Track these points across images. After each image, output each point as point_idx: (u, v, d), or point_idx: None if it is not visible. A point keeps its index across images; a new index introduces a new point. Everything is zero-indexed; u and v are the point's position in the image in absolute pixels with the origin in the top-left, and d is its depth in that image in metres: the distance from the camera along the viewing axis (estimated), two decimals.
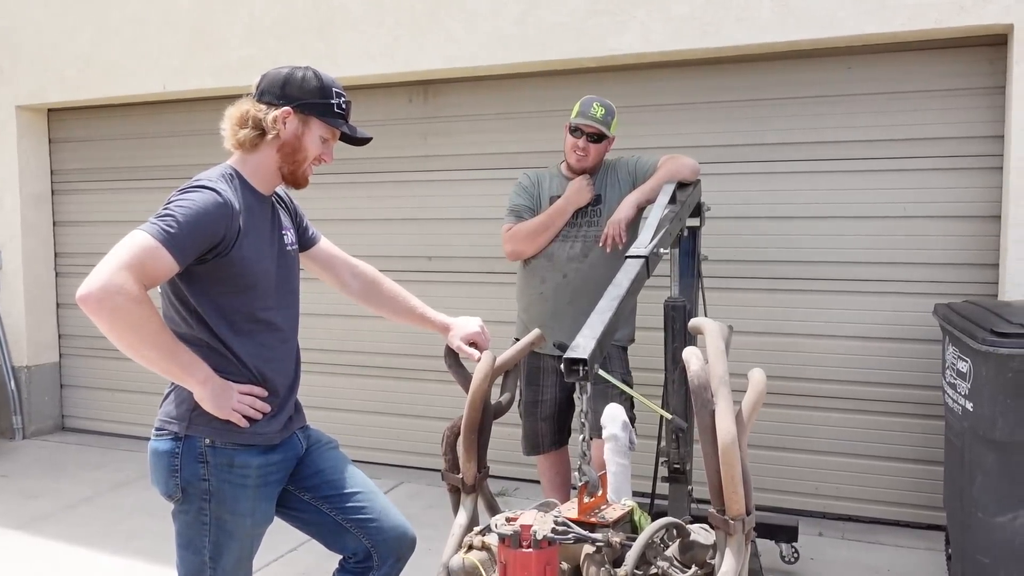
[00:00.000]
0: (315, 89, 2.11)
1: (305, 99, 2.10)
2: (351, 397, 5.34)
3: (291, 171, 2.16)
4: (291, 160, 2.14)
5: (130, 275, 1.82)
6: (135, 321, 1.85)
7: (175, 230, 1.89)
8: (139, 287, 1.84)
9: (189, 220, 1.91)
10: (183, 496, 2.07)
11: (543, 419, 3.65)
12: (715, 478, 1.86)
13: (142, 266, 1.84)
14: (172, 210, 1.92)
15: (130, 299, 1.82)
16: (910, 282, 4.07)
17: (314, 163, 2.18)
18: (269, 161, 2.14)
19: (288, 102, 2.09)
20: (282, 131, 2.10)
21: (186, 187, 2.01)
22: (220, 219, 1.97)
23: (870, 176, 4.11)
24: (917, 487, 4.12)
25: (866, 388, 4.18)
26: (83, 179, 6.12)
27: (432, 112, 5.02)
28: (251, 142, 2.11)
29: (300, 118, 2.11)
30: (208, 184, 2.01)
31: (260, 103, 2.10)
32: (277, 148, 2.12)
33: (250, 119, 2.10)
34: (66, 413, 6.36)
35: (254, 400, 2.07)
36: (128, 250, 1.85)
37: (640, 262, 2.60)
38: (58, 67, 5.76)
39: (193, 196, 1.96)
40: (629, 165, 3.58)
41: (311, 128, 2.13)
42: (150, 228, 1.88)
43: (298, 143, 2.12)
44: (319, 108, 2.12)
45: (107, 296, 1.80)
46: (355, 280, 2.49)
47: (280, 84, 2.10)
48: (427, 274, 5.01)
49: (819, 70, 4.17)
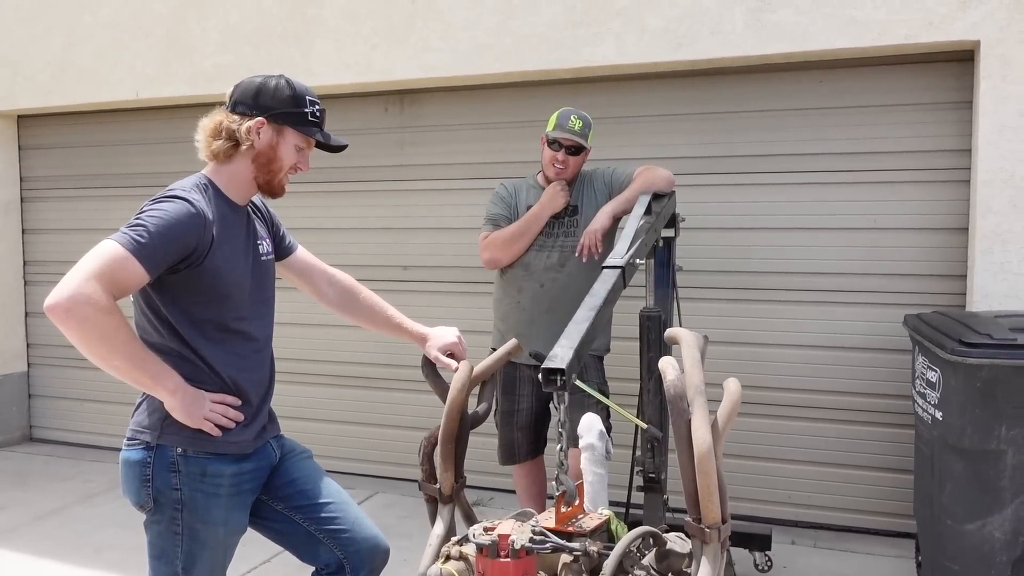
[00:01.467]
0: (288, 98, 2.10)
1: (278, 108, 2.09)
2: (325, 407, 5.31)
3: (267, 181, 2.15)
4: (266, 170, 2.13)
5: (99, 285, 1.81)
6: (104, 331, 1.84)
7: (145, 240, 1.88)
8: (108, 297, 1.82)
9: (160, 230, 1.90)
10: (155, 506, 2.05)
11: (519, 428, 3.65)
12: (691, 487, 1.87)
13: (111, 276, 1.83)
14: (143, 220, 1.91)
15: (98, 309, 1.80)
16: (880, 292, 4.12)
17: (290, 172, 2.17)
18: (244, 171, 2.13)
19: (261, 112, 2.08)
20: (256, 141, 2.09)
21: (159, 197, 2.00)
22: (192, 229, 1.96)
23: (841, 188, 4.17)
24: (887, 495, 4.17)
25: (837, 397, 4.22)
26: (53, 186, 6.04)
27: (408, 121, 5.02)
28: (225, 153, 2.10)
29: (274, 128, 2.10)
30: (181, 194, 2.00)
31: (233, 114, 2.10)
32: (252, 158, 2.11)
33: (223, 130, 2.09)
34: (34, 423, 6.26)
35: (226, 409, 2.06)
36: (97, 260, 1.84)
37: (616, 272, 2.61)
38: (29, 73, 5.69)
39: (165, 206, 1.95)
40: (605, 176, 3.60)
41: (285, 137, 2.12)
42: (120, 238, 1.87)
43: (273, 153, 2.11)
44: (293, 117, 2.11)
45: (75, 306, 1.79)
46: (332, 289, 2.48)
47: (253, 94, 2.09)
48: (403, 283, 5.00)
49: (792, 83, 4.23)
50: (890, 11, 3.83)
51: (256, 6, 5.02)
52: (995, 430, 2.92)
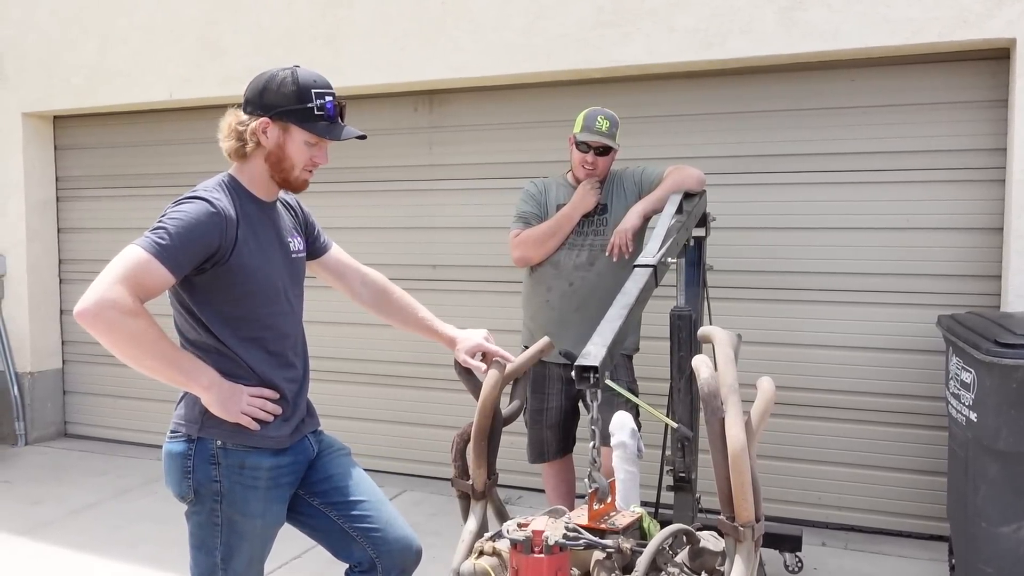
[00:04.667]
0: (291, 94, 2.07)
1: (282, 106, 2.07)
2: (356, 405, 5.34)
3: (282, 179, 2.16)
4: (279, 168, 2.14)
5: (125, 289, 1.85)
6: (133, 333, 1.88)
7: (167, 242, 1.91)
8: (134, 300, 1.87)
9: (181, 232, 1.93)
10: (196, 497, 2.08)
11: (548, 427, 3.66)
12: (725, 485, 1.87)
13: (136, 279, 1.88)
14: (165, 223, 1.95)
15: (125, 312, 1.85)
16: (913, 293, 4.08)
17: (308, 167, 2.16)
18: (261, 169, 2.15)
19: (266, 111, 2.08)
20: (264, 141, 2.10)
21: (181, 198, 2.04)
22: (213, 229, 1.99)
23: (874, 188, 4.13)
24: (920, 497, 4.13)
25: (869, 398, 4.19)
26: (88, 186, 6.14)
27: (437, 121, 5.04)
28: (238, 153, 2.13)
29: (280, 126, 2.09)
30: (202, 195, 2.03)
31: (243, 113, 2.12)
32: (264, 158, 2.13)
33: (233, 131, 2.12)
34: (69, 419, 6.36)
35: (264, 402, 2.09)
36: (122, 265, 1.88)
37: (648, 271, 2.62)
38: (64, 74, 5.78)
39: (186, 207, 1.99)
40: (635, 175, 3.60)
41: (292, 135, 2.10)
42: (143, 242, 1.92)
43: (282, 152, 2.11)
44: (296, 114, 2.08)
45: (102, 311, 1.83)
46: (365, 289, 2.51)
47: (259, 92, 2.10)
48: (432, 283, 5.02)
49: (823, 82, 4.20)
50: (924, 9, 3.80)
51: (287, 8, 5.07)
52: None
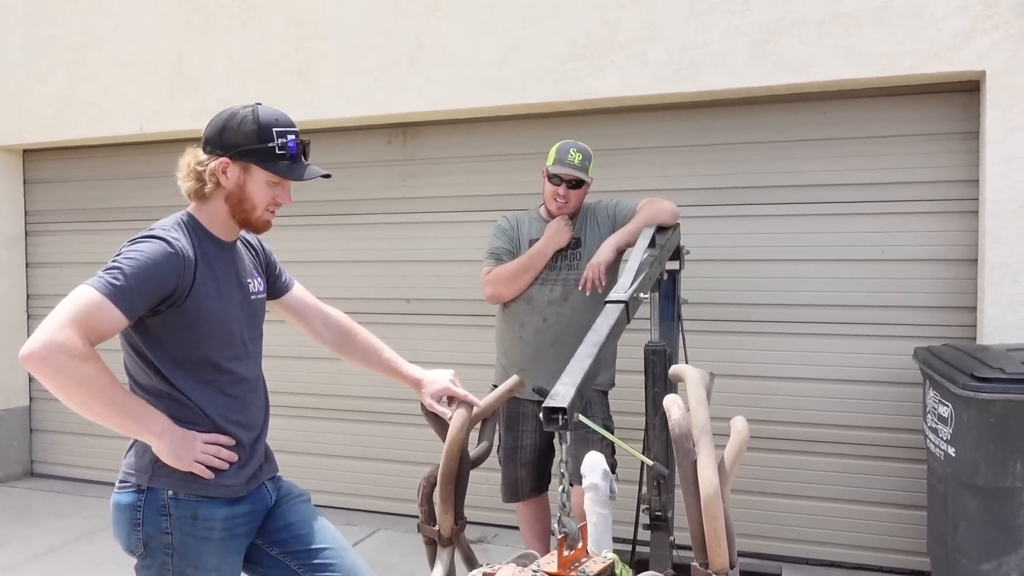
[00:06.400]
0: (252, 133, 2.00)
1: (242, 145, 2.00)
2: (327, 441, 5.24)
3: (243, 219, 2.09)
4: (239, 209, 2.07)
5: (74, 331, 1.77)
6: (81, 378, 1.79)
7: (121, 283, 1.83)
8: (84, 343, 1.78)
9: (136, 272, 1.86)
10: (145, 551, 1.99)
11: (523, 465, 3.59)
12: (698, 530, 1.81)
13: (86, 322, 1.79)
14: (120, 262, 1.88)
15: (73, 356, 1.76)
16: (889, 325, 4.06)
17: (271, 207, 2.10)
18: (221, 210, 2.08)
19: (226, 151, 2.01)
20: (224, 181, 2.03)
21: (137, 237, 1.96)
22: (170, 269, 1.92)
23: (848, 219, 4.13)
24: (900, 532, 4.08)
25: (846, 431, 4.15)
26: (58, 220, 6.03)
27: (411, 154, 5.01)
28: (196, 194, 2.06)
29: (240, 166, 2.02)
30: (160, 234, 1.96)
31: (203, 152, 2.05)
32: (224, 198, 2.06)
33: (192, 172, 2.05)
34: (36, 458, 6.20)
35: (219, 449, 2.01)
36: (72, 306, 1.80)
37: (620, 307, 2.57)
38: (34, 108, 5.70)
39: (142, 247, 1.92)
40: (608, 208, 3.57)
41: (253, 175, 2.03)
42: (96, 282, 1.83)
43: (242, 193, 2.05)
44: (257, 154, 2.01)
45: (50, 354, 1.75)
46: (327, 329, 2.44)
47: (219, 131, 2.03)
48: (406, 316, 4.97)
49: (796, 114, 4.20)
50: (895, 42, 3.82)
51: (259, 40, 5.04)
52: (1010, 467, 2.85)
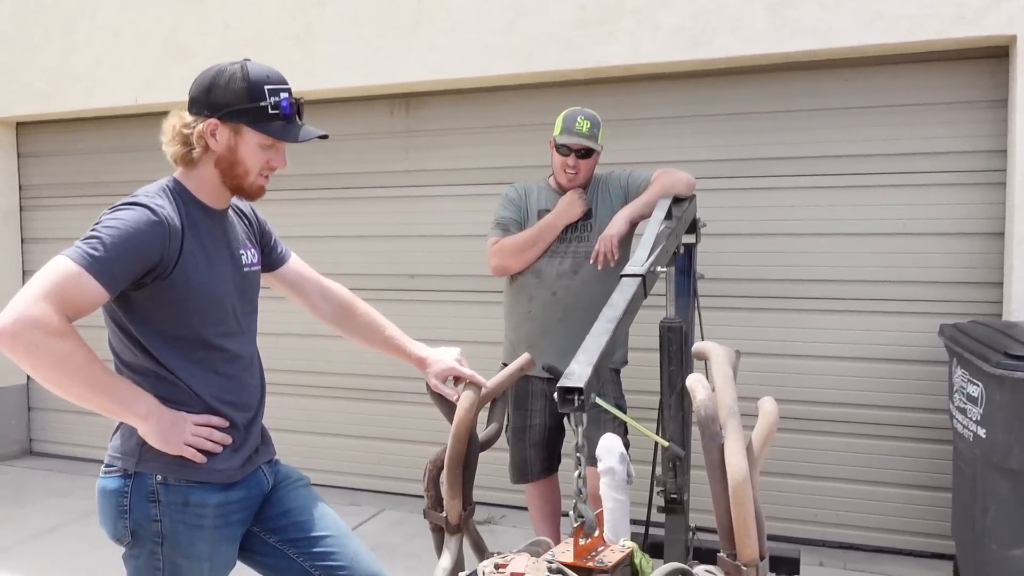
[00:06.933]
0: (242, 91, 1.84)
1: (232, 105, 1.84)
2: (329, 420, 5.14)
3: (235, 185, 1.93)
4: (231, 175, 1.91)
5: (49, 306, 1.62)
6: (57, 357, 1.64)
7: (101, 254, 1.68)
8: (60, 319, 1.64)
9: (117, 242, 1.71)
10: (133, 539, 1.86)
11: (532, 445, 3.47)
12: (725, 519, 1.68)
13: (62, 295, 1.64)
14: (99, 231, 1.72)
15: (48, 333, 1.62)
16: (912, 301, 3.92)
17: (264, 172, 1.94)
18: (211, 175, 1.92)
19: (214, 112, 1.85)
20: (213, 145, 1.87)
21: (118, 204, 1.81)
22: (154, 239, 1.77)
23: (869, 192, 3.97)
24: (921, 514, 3.96)
25: (867, 411, 4.02)
26: (53, 194, 5.90)
27: (414, 125, 4.85)
28: (184, 159, 1.90)
29: (230, 128, 1.86)
30: (143, 200, 1.80)
31: (189, 114, 1.89)
32: (214, 163, 1.90)
33: (178, 135, 1.89)
34: (34, 437, 6.11)
35: (211, 431, 1.87)
36: (47, 278, 1.65)
37: (636, 281, 2.42)
38: (26, 79, 5.55)
39: (123, 215, 1.76)
40: (621, 179, 3.43)
41: (244, 138, 1.87)
42: (73, 252, 1.68)
43: (233, 157, 1.89)
44: (248, 114, 1.85)
45: (22, 331, 1.60)
46: (326, 303, 2.29)
47: (206, 90, 1.86)
48: (410, 292, 4.84)
49: (816, 82, 4.04)
50: (920, 5, 3.64)
51: (256, 8, 4.87)
52: None
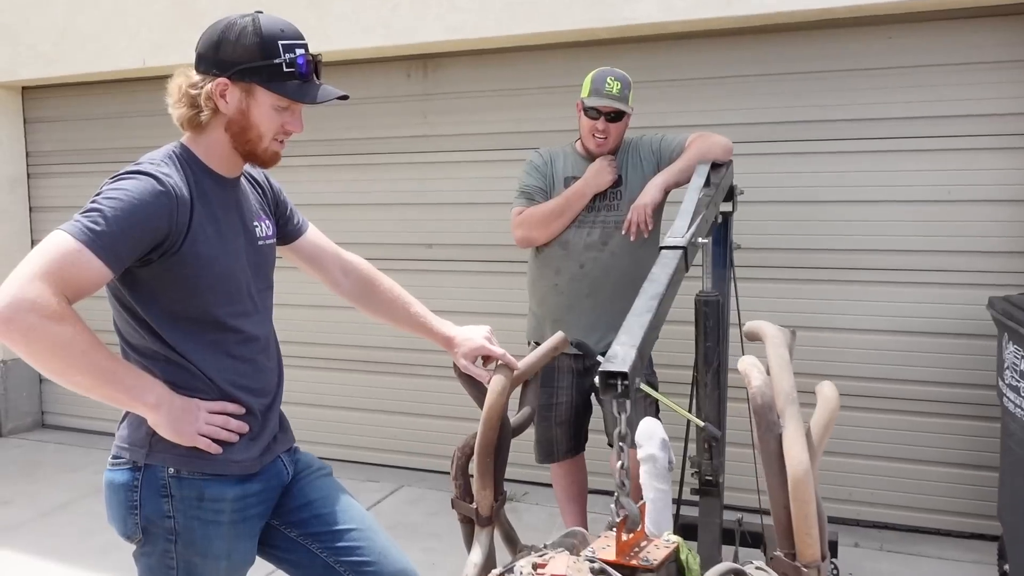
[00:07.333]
0: (254, 47, 1.66)
1: (243, 63, 1.67)
2: (345, 394, 5.02)
3: (247, 151, 1.76)
4: (243, 140, 1.74)
5: (46, 287, 1.47)
6: (55, 342, 1.49)
7: (102, 228, 1.53)
8: (59, 300, 1.49)
9: (120, 215, 1.55)
10: (144, 537, 1.74)
11: (558, 424, 3.33)
12: (783, 516, 1.54)
13: (61, 274, 1.49)
14: (100, 203, 1.56)
15: (46, 316, 1.47)
16: (957, 272, 3.74)
17: (279, 137, 1.77)
18: (221, 141, 1.75)
19: (224, 70, 1.67)
20: (223, 107, 1.70)
21: (121, 173, 1.65)
22: (161, 211, 1.61)
23: (912, 156, 3.78)
24: (963, 493, 3.82)
25: (908, 386, 3.86)
26: (61, 161, 5.76)
27: (432, 88, 4.67)
28: (191, 122, 1.73)
29: (242, 88, 1.69)
30: (148, 169, 1.64)
31: (197, 73, 1.71)
32: (224, 127, 1.73)
33: (185, 96, 1.71)
34: (46, 410, 6.04)
35: (227, 419, 1.73)
36: (43, 256, 1.50)
37: (678, 253, 2.26)
38: (31, 41, 5.38)
39: (126, 184, 1.60)
40: (653, 144, 3.25)
41: (257, 99, 1.70)
42: (71, 227, 1.53)
43: (246, 120, 1.71)
44: (262, 73, 1.68)
45: (16, 314, 1.45)
46: (347, 278, 2.13)
47: (214, 46, 1.68)
48: (427, 263, 4.69)
49: (857, 40, 3.82)
50: None
51: None
52: None
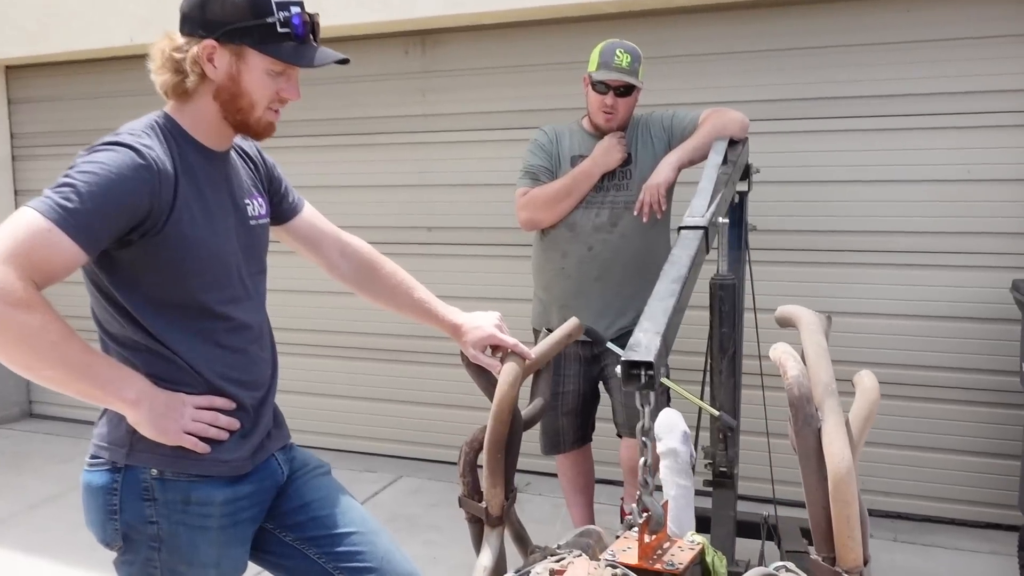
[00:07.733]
0: (244, 5, 1.53)
1: (233, 22, 1.53)
2: (342, 382, 4.91)
3: (239, 121, 1.62)
4: (233, 108, 1.59)
5: (11, 270, 1.32)
6: (22, 333, 1.34)
7: (75, 205, 1.38)
8: (26, 285, 1.34)
9: (96, 191, 1.40)
10: (125, 544, 1.59)
11: (564, 414, 3.21)
12: (822, 517, 1.42)
13: (28, 257, 1.34)
14: (73, 177, 1.41)
15: (11, 304, 1.32)
16: (978, 254, 3.62)
17: (274, 105, 1.63)
18: (209, 110, 1.60)
19: (211, 31, 1.53)
20: (211, 72, 1.55)
21: (97, 144, 1.49)
22: (142, 187, 1.46)
23: (930, 134, 3.65)
24: (979, 482, 3.72)
25: (923, 372, 3.75)
26: (47, 143, 5.60)
27: (431, 65, 4.53)
28: (176, 90, 1.58)
29: (231, 51, 1.55)
30: (127, 140, 1.49)
31: (181, 35, 1.57)
32: (212, 94, 1.58)
33: (169, 61, 1.56)
34: (34, 399, 5.90)
35: (215, 415, 1.59)
36: (8, 236, 1.35)
37: (699, 234, 2.13)
38: (15, 17, 5.22)
39: (103, 157, 1.45)
40: (664, 120, 3.11)
41: (249, 63, 1.56)
42: (40, 204, 1.38)
43: (236, 86, 1.57)
44: (253, 33, 1.54)
45: None
46: (346, 261, 1.99)
47: (200, 5, 1.54)
48: (427, 246, 4.57)
49: (874, 13, 3.68)
50: None
51: None
52: None
